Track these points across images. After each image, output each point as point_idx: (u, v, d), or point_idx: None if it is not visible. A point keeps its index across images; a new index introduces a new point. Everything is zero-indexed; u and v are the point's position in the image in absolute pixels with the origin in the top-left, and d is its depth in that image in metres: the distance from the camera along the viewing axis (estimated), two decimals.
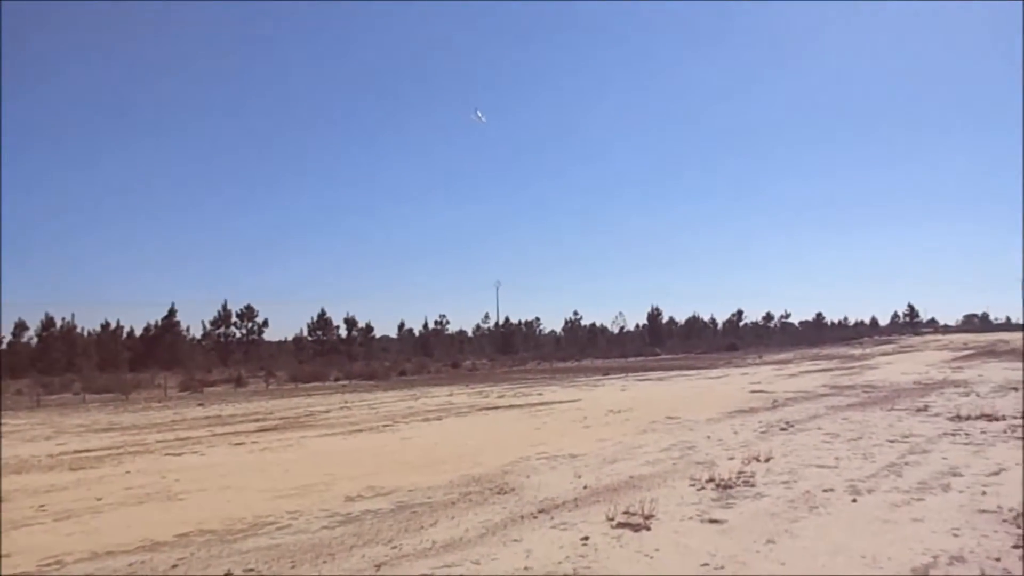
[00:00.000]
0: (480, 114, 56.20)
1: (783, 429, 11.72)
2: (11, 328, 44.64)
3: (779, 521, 5.97)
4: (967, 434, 10.51)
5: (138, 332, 50.19)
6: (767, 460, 8.76)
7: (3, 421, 18.26)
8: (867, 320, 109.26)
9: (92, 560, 5.42)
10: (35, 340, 44.93)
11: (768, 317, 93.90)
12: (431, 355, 54.28)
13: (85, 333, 46.96)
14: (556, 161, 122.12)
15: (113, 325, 48.83)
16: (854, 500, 6.66)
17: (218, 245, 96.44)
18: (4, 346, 43.42)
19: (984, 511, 6.12)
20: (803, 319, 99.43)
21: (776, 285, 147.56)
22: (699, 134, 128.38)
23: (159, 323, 50.06)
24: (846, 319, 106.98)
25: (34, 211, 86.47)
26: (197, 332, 52.03)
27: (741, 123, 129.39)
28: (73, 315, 46.14)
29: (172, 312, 50.21)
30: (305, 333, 56.36)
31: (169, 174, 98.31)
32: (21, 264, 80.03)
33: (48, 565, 5.32)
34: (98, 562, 5.36)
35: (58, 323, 45.52)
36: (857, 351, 51.51)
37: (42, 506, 7.49)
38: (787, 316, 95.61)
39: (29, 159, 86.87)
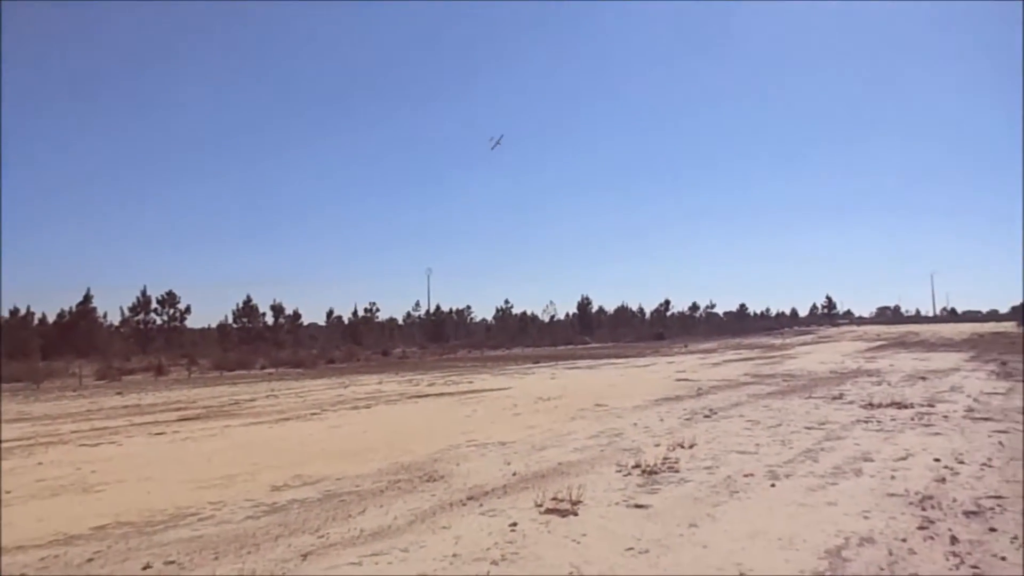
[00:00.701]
0: (495, 141, 54.69)
1: (707, 416, 12.04)
2: None
3: (702, 505, 6.16)
4: (878, 421, 11.01)
5: (51, 318, 48.02)
6: (691, 447, 9.00)
7: None
8: (787, 311, 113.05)
9: None
10: None
11: (694, 307, 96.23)
12: (361, 343, 53.59)
13: None
14: (486, 150, 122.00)
15: (23, 311, 46.57)
16: (773, 485, 6.91)
17: (138, 228, 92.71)
18: None
19: (892, 494, 6.44)
20: (727, 310, 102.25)
21: (702, 277, 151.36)
22: (625, 125, 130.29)
23: (73, 309, 47.95)
24: (768, 310, 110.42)
25: None
26: (115, 319, 50.05)
27: (665, 117, 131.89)
28: None
29: (88, 298, 48.10)
30: (230, 320, 54.89)
31: (85, 153, 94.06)
32: None
33: None
34: (7, 557, 5.13)
35: None
36: (778, 341, 53.30)
37: None
38: (712, 307, 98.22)
39: None
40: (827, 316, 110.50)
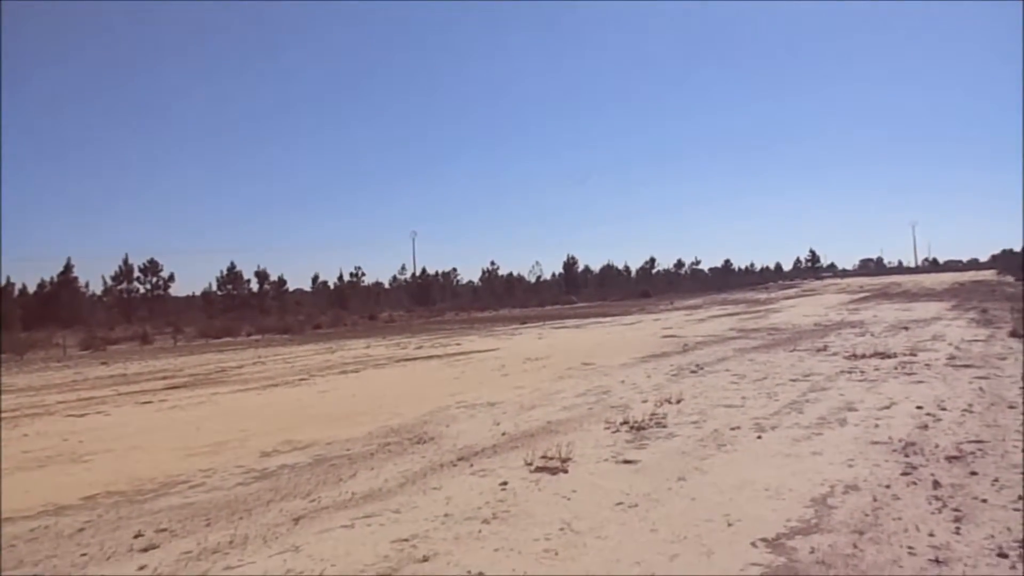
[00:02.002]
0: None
1: (693, 372, 12.14)
2: None
3: (689, 459, 6.22)
4: (862, 372, 11.14)
5: (31, 289, 47.52)
6: (678, 402, 9.08)
7: None
8: (772, 266, 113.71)
9: None
10: None
11: (679, 264, 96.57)
12: (347, 308, 53.47)
13: None
14: (467, 109, 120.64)
15: (3, 282, 46.03)
16: (759, 437, 6.99)
17: (117, 195, 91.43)
18: None
19: (876, 443, 6.53)
20: (712, 266, 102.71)
21: (687, 234, 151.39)
22: (606, 74, 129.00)
23: (54, 279, 47.44)
24: (752, 265, 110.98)
25: None
26: (97, 288, 49.62)
27: (646, 63, 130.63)
28: None
29: (68, 267, 47.57)
30: (214, 287, 54.54)
31: (62, 115, 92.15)
32: None
33: None
34: None
35: None
36: (763, 295, 53.69)
37: None
38: (697, 263, 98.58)
39: None
40: (811, 270, 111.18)
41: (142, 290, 50.52)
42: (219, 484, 6.19)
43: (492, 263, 76.72)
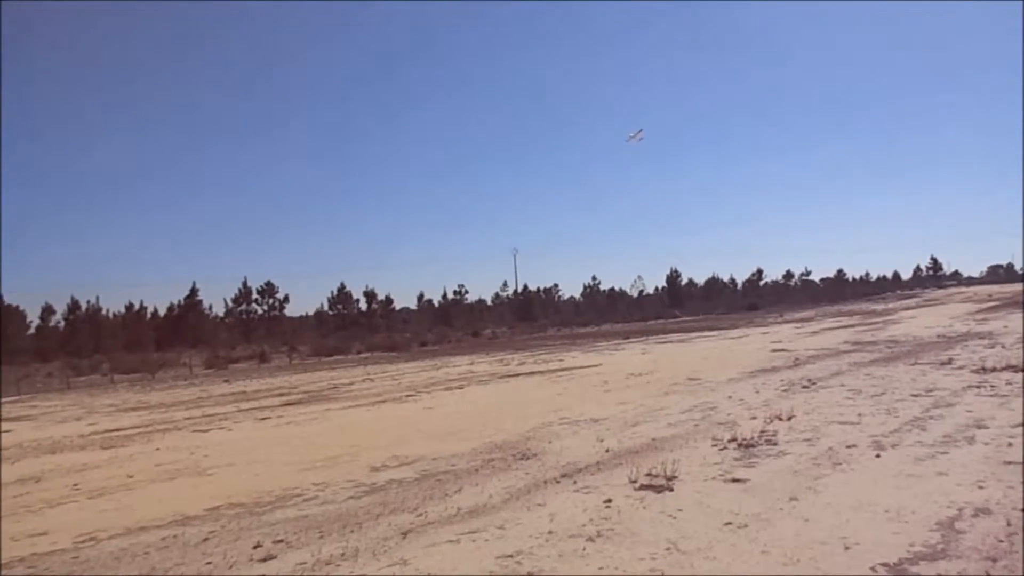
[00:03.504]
0: (635, 135, 54.80)
1: (805, 387, 11.68)
2: (39, 312, 45.39)
3: (802, 478, 5.98)
4: (992, 386, 10.42)
5: (162, 312, 50.84)
6: (789, 418, 8.76)
7: (35, 404, 18.63)
8: (889, 275, 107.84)
9: (126, 535, 5.55)
10: (62, 324, 45.67)
11: (788, 275, 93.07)
12: (451, 325, 54.51)
13: (111, 315, 47.66)
14: (569, 126, 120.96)
15: (137, 306, 49.54)
16: (878, 455, 6.64)
17: (236, 223, 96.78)
18: (33, 331, 44.16)
19: (1010, 462, 6.08)
20: (824, 276, 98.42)
21: (796, 243, 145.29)
22: (709, 92, 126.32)
23: (182, 302, 50.63)
24: (867, 275, 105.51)
25: (53, 196, 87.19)
26: (219, 310, 52.63)
27: (755, 79, 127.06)
28: (98, 297, 46.97)
29: (194, 291, 50.74)
30: (326, 307, 56.83)
31: (185, 154, 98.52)
32: (43, 248, 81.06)
33: (83, 541, 5.46)
34: (132, 537, 5.49)
35: (83, 306, 46.24)
36: (879, 306, 51.07)
37: (76, 485, 7.66)
38: (807, 274, 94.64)
39: (43, 141, 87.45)
40: (932, 278, 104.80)
41: (260, 311, 53.23)
42: (331, 498, 6.41)
43: (594, 278, 76.49)
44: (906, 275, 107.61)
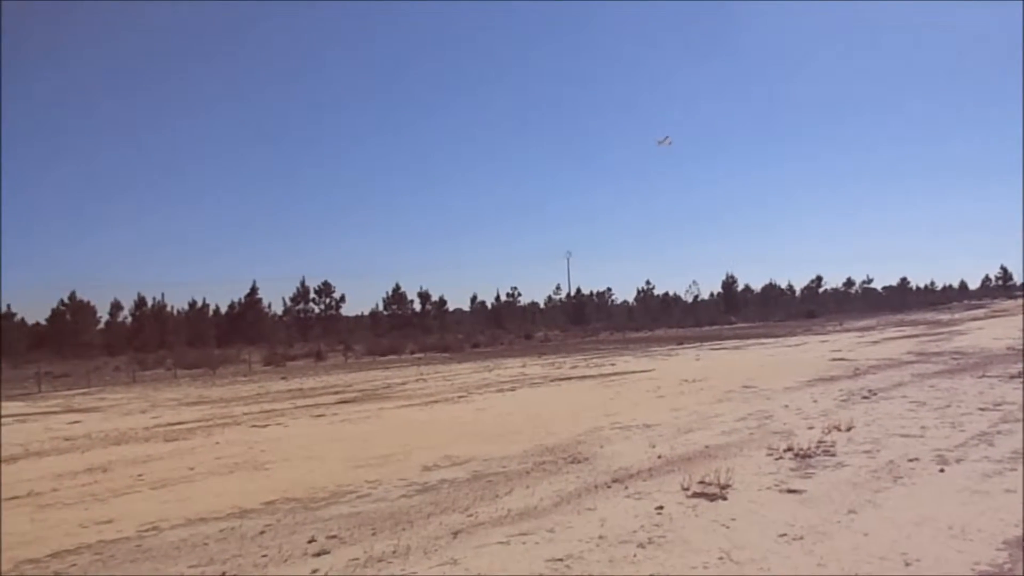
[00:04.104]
0: (663, 140, 55.25)
1: (865, 397, 11.38)
2: (108, 308, 47.13)
3: (861, 491, 5.83)
4: None
5: (223, 310, 52.27)
6: (848, 429, 8.54)
7: (103, 396, 19.34)
8: (955, 284, 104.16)
9: (186, 526, 5.72)
10: (130, 319, 47.34)
11: (849, 283, 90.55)
12: (504, 327, 54.69)
13: (175, 312, 49.20)
14: (624, 128, 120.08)
15: (200, 303, 51.03)
16: (941, 470, 6.43)
17: (295, 224, 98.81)
18: (102, 326, 45.88)
19: None
20: (887, 284, 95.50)
21: (857, 249, 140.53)
22: (769, 92, 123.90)
23: (242, 300, 51.96)
24: (933, 283, 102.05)
25: (121, 196, 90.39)
26: (278, 308, 53.82)
27: (816, 80, 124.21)
28: (163, 295, 48.51)
29: (254, 290, 52.03)
30: (381, 307, 57.61)
31: (245, 155, 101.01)
32: (113, 246, 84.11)
33: (147, 530, 5.64)
34: (192, 528, 5.65)
35: (150, 303, 47.85)
36: (945, 316, 49.42)
37: (140, 475, 7.93)
38: (869, 281, 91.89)
39: (108, 142, 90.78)
40: (1002, 288, 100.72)
41: (317, 310, 54.25)
42: (384, 495, 6.50)
43: (647, 282, 75.79)
44: (974, 284, 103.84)
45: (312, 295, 54.21)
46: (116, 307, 47.43)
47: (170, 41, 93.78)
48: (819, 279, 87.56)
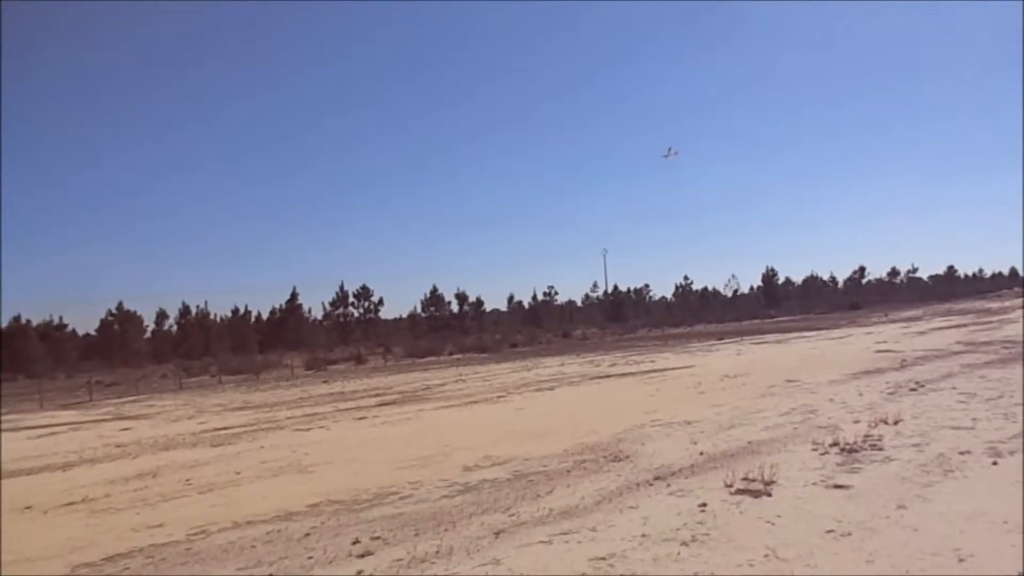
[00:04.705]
0: (671, 152, 55.96)
1: (913, 390, 11.13)
2: (153, 318, 48.27)
3: (910, 485, 5.70)
4: None
5: (265, 316, 53.12)
6: (896, 423, 8.35)
7: (151, 403, 19.78)
8: (1005, 271, 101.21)
9: (233, 529, 5.82)
10: (175, 328, 48.40)
11: (893, 273, 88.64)
12: (541, 326, 54.69)
13: (218, 319, 50.17)
14: (655, 123, 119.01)
15: (242, 310, 51.96)
16: (994, 463, 6.26)
17: (333, 228, 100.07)
18: (148, 335, 47.00)
19: None
20: (933, 273, 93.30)
21: (901, 238, 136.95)
22: (811, 81, 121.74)
23: (283, 306, 52.74)
24: (981, 271, 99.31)
25: (164, 207, 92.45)
26: (318, 313, 54.53)
27: (859, 68, 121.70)
28: (206, 302, 49.37)
29: (294, 296, 52.78)
30: (419, 310, 58.00)
31: (282, 163, 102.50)
32: (157, 257, 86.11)
33: (195, 534, 5.76)
34: (239, 531, 5.75)
35: (193, 311, 48.85)
36: (995, 304, 48.09)
37: (188, 480, 8.09)
38: (914, 271, 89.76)
39: (150, 153, 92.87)
40: None
41: (356, 314, 54.82)
42: (426, 496, 6.53)
43: (686, 278, 75.13)
44: None
45: (351, 299, 54.86)
46: (162, 316, 48.57)
47: (202, 38, 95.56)
48: (862, 270, 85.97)
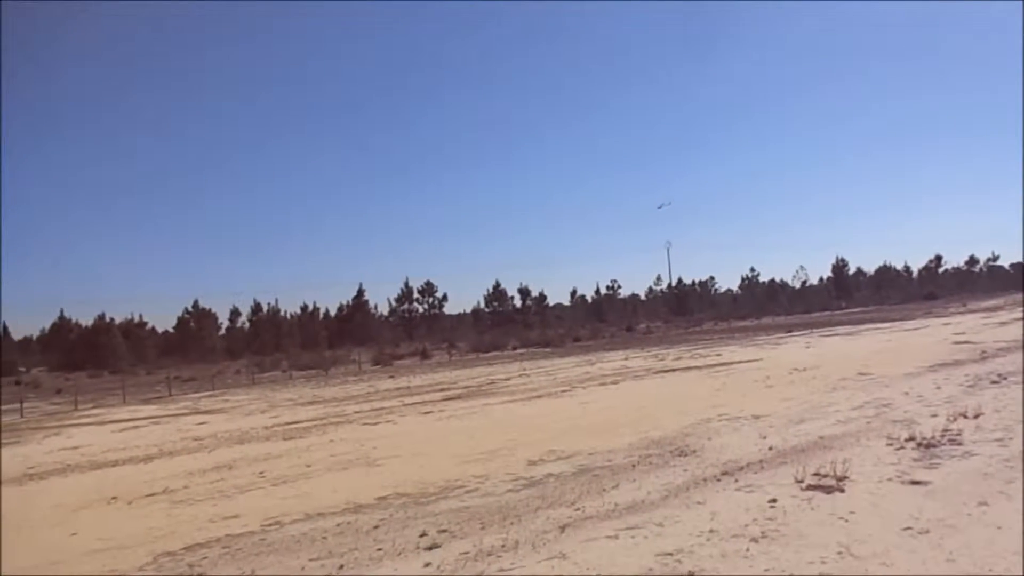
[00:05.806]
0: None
1: (994, 382, 10.67)
2: (227, 315, 49.93)
3: (992, 482, 5.48)
4: None
5: (332, 312, 54.35)
6: (976, 416, 8.03)
7: (226, 398, 20.45)
8: None
9: (305, 520, 5.98)
10: (247, 325, 49.97)
11: (972, 261, 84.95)
12: (605, 320, 54.45)
13: (288, 316, 51.57)
14: (720, 115, 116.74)
15: (311, 307, 53.26)
16: None
17: (399, 227, 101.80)
18: (223, 332, 48.61)
19: None
20: (1015, 261, 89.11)
21: (981, 224, 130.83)
22: (877, 69, 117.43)
23: (350, 303, 53.88)
24: None
25: (235, 208, 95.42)
26: (384, 309, 55.54)
27: (927, 49, 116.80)
28: (277, 300, 50.95)
29: (361, 292, 53.93)
30: (482, 305, 58.46)
31: (352, 164, 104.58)
32: (231, 257, 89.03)
33: (269, 525, 5.93)
34: (310, 523, 5.91)
35: (265, 308, 50.34)
36: None
37: (261, 472, 8.34)
38: (995, 259, 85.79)
39: (217, 159, 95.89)
40: None
41: (421, 310, 55.63)
42: (491, 490, 6.58)
43: (752, 269, 73.77)
44: None
45: (416, 295, 55.63)
46: (235, 314, 50.21)
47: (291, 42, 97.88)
48: (938, 259, 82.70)
